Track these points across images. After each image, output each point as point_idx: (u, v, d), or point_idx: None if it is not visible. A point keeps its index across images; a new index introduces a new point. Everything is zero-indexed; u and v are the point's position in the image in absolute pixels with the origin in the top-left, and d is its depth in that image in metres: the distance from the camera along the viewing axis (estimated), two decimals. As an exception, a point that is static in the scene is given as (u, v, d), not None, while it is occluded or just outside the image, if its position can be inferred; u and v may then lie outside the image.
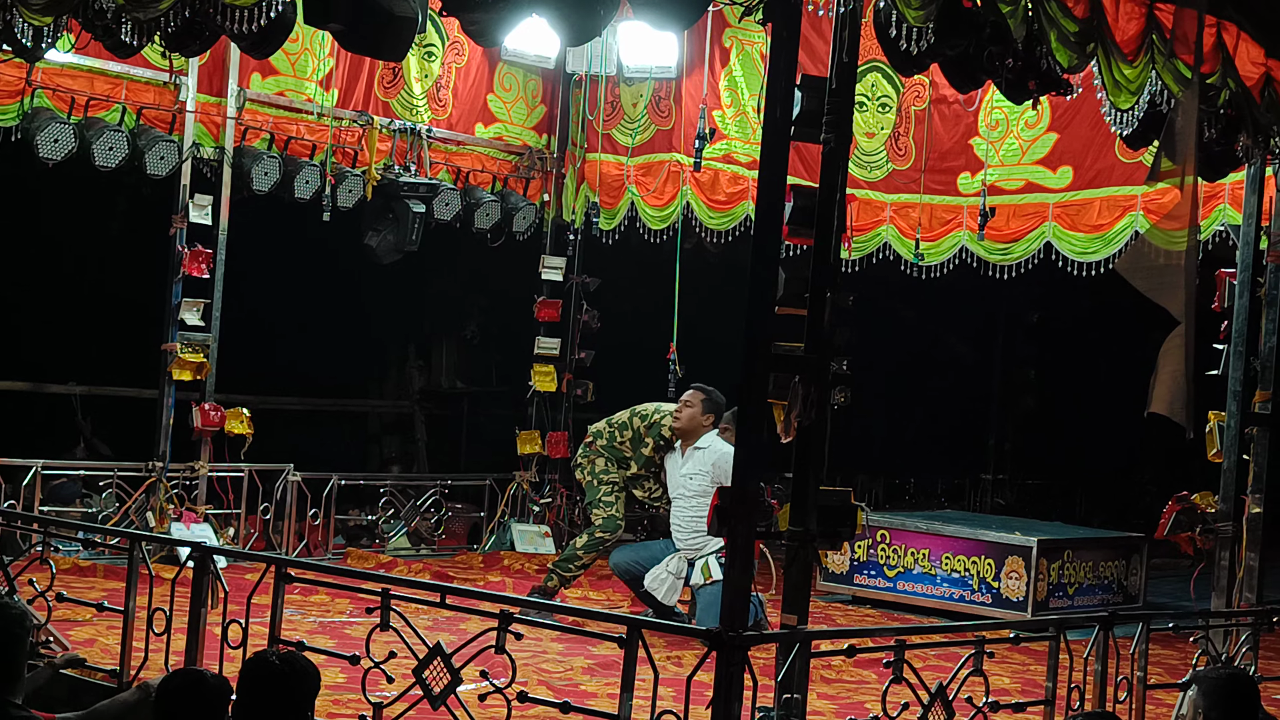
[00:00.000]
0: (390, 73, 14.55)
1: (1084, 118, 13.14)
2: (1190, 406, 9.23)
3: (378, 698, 7.79)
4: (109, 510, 13.43)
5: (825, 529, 7.53)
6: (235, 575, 9.40)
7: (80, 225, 17.82)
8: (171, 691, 6.29)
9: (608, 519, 12.17)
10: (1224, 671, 7.11)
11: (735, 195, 15.05)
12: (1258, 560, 10.55)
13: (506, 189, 15.62)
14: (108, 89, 13.00)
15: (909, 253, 14.31)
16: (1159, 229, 9.83)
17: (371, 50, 10.73)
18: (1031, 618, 12.42)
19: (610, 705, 7.47)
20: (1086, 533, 15.81)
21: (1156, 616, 9.21)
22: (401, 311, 20.99)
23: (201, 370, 13.49)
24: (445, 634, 8.14)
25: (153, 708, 6.40)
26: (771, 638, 7.33)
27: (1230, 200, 12.28)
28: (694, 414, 11.90)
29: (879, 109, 14.51)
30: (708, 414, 11.89)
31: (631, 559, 12.09)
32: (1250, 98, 9.53)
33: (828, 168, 7.61)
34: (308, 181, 13.82)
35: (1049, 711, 8.29)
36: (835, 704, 9.68)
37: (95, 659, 9.17)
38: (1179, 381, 9.19)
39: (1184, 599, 11.62)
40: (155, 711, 6.38)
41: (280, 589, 8.22)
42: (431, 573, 13.09)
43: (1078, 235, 13.46)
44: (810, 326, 7.51)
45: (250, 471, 13.86)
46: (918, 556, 13.46)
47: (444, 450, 20.67)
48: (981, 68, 8.63)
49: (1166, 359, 9.24)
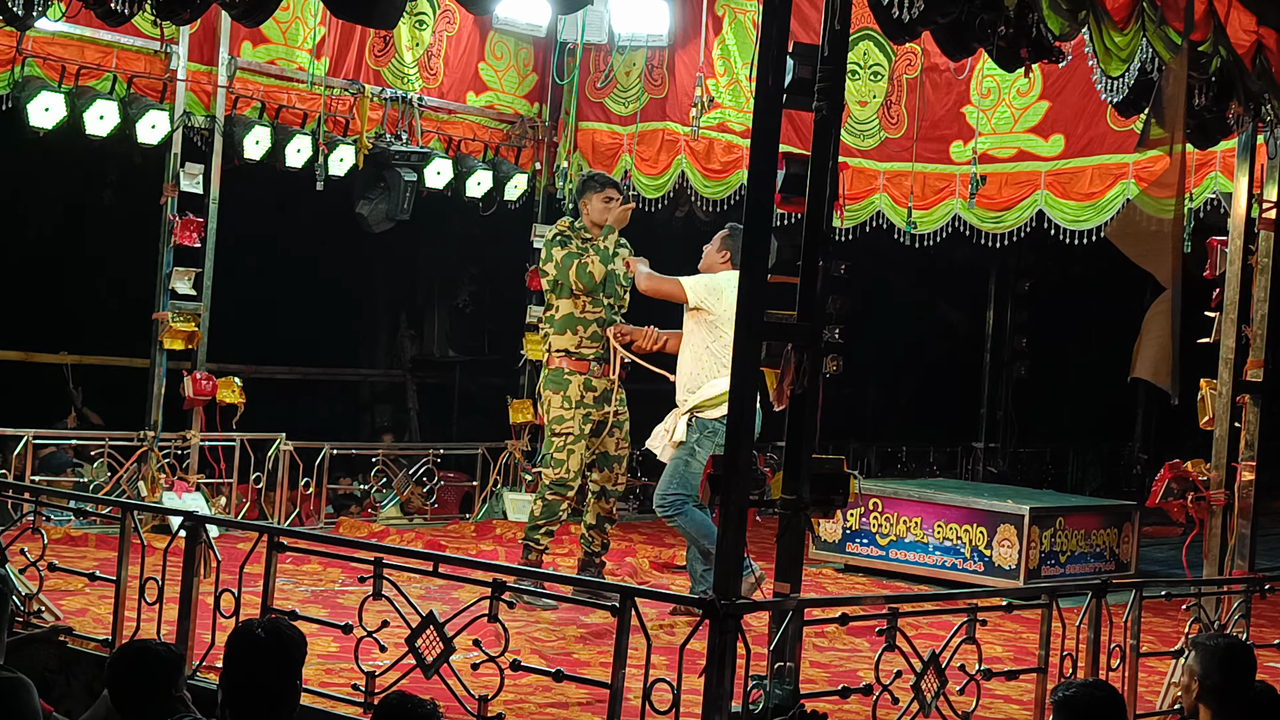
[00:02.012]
0: (381, 41, 14.52)
1: (1075, 86, 13.12)
2: (1175, 372, 9.23)
3: (370, 666, 7.81)
4: (100, 480, 13.44)
5: (818, 497, 7.51)
6: (227, 545, 9.38)
7: (71, 194, 17.81)
8: (118, 663, 6.31)
9: (556, 481, 11.37)
10: (1222, 639, 7.12)
11: (730, 164, 15.04)
12: (1250, 528, 10.54)
13: (498, 158, 15.60)
14: (98, 57, 12.95)
15: (902, 221, 14.31)
16: (1148, 195, 9.83)
17: (362, 18, 10.69)
18: (1024, 585, 12.44)
19: (603, 674, 7.49)
20: (1079, 500, 15.85)
21: (1149, 584, 9.23)
22: (393, 280, 21.02)
23: (193, 339, 13.47)
24: (438, 603, 8.17)
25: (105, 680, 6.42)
26: (764, 605, 7.33)
27: (1221, 168, 12.28)
28: (711, 250, 11.35)
29: (871, 77, 14.49)
30: (724, 250, 11.26)
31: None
32: (1241, 65, 9.51)
33: (820, 136, 7.59)
34: (299, 150, 13.80)
35: (1041, 679, 8.32)
36: (828, 672, 9.69)
37: (87, 629, 9.19)
38: (1164, 347, 9.19)
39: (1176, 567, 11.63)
40: (106, 684, 6.40)
41: (273, 558, 8.23)
42: (424, 542, 13.08)
43: (1069, 203, 13.45)
44: (803, 295, 7.49)
45: (242, 441, 13.86)
46: (910, 525, 13.47)
47: (436, 419, 20.72)
48: (973, 35, 8.59)
49: (1152, 324, 9.25)
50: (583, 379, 11.43)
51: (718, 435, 10.66)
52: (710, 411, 10.88)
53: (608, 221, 11.61)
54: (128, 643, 7.07)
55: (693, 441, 10.92)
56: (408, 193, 14.46)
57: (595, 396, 11.48)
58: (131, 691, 6.22)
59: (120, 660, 6.34)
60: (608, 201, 11.62)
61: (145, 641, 6.69)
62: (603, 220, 11.61)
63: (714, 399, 10.84)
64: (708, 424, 10.88)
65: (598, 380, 11.48)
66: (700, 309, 10.98)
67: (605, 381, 11.49)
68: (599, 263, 11.42)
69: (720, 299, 10.86)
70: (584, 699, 8.40)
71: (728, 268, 11.09)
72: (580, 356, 11.45)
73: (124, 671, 6.26)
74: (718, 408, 10.75)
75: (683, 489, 10.89)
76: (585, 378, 11.44)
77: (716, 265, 11.24)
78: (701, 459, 10.72)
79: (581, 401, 11.43)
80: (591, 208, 11.63)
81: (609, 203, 11.63)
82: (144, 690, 6.19)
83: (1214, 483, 10.60)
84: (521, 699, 8.35)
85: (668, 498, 10.94)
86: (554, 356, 11.50)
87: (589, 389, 11.45)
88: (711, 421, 10.85)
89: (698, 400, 10.95)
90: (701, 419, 10.91)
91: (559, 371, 11.46)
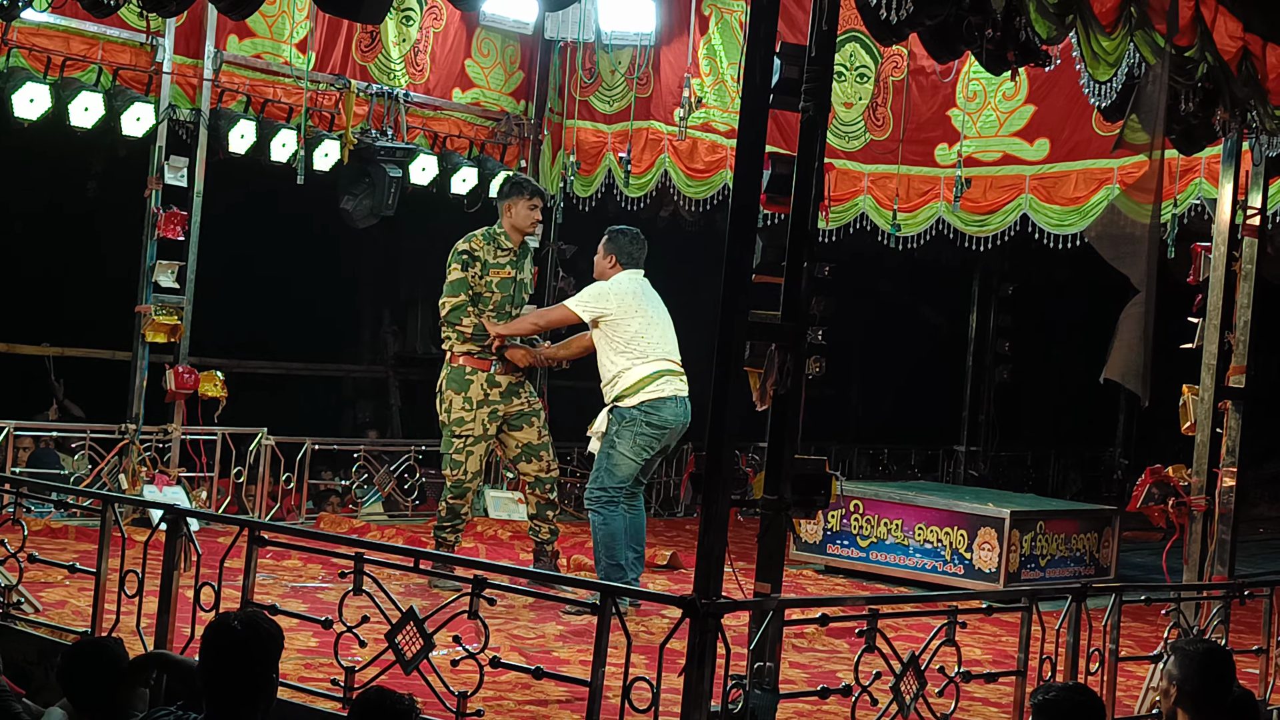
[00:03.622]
0: (368, 36, 14.50)
1: (1061, 90, 13.15)
2: (1145, 375, 9.28)
3: (350, 661, 7.79)
4: (81, 472, 13.41)
5: (800, 497, 7.52)
6: (208, 538, 9.37)
7: (55, 186, 17.76)
8: (71, 658, 6.29)
9: (454, 484, 11.49)
10: (1201, 645, 7.13)
11: (714, 164, 15.05)
12: (1230, 534, 10.58)
13: (484, 154, 15.58)
14: (84, 49, 12.92)
15: (886, 223, 14.34)
16: (1128, 197, 9.88)
17: (349, 13, 10.70)
18: (1004, 589, 12.45)
19: (583, 672, 7.48)
20: (1059, 504, 15.87)
21: (1129, 589, 9.24)
22: (377, 276, 21.01)
23: (175, 333, 13.44)
24: (418, 599, 8.16)
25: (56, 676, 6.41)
26: (745, 605, 7.33)
27: (1206, 174, 12.32)
28: (598, 259, 11.40)
29: (857, 79, 14.51)
30: (608, 255, 11.33)
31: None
32: (1228, 71, 9.53)
33: (806, 136, 7.60)
34: (284, 144, 13.77)
35: (1020, 682, 8.32)
36: (808, 672, 9.69)
37: (67, 621, 9.17)
38: (1136, 350, 9.23)
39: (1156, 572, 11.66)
40: (58, 680, 6.39)
41: (253, 552, 8.21)
42: (405, 538, 13.06)
43: (1054, 207, 13.49)
44: (787, 295, 7.50)
45: (223, 434, 13.83)
46: (891, 527, 13.48)
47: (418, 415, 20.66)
48: (960, 38, 8.62)
49: (1124, 327, 9.29)
50: (485, 376, 11.50)
51: (635, 424, 10.94)
52: (628, 400, 10.99)
53: (527, 230, 11.77)
54: (81, 640, 7.07)
55: (613, 432, 11.03)
56: (392, 189, 14.44)
57: (501, 392, 11.57)
58: (80, 686, 6.21)
59: (76, 656, 6.33)
60: (533, 209, 11.72)
61: (100, 640, 6.67)
62: (524, 227, 11.75)
63: (630, 387, 11.00)
64: (625, 413, 10.98)
65: (501, 376, 11.55)
66: (598, 319, 11.08)
67: (509, 377, 11.57)
68: (498, 285, 11.58)
69: (609, 299, 11.10)
70: (563, 697, 8.39)
71: (619, 270, 11.28)
72: (483, 355, 11.54)
73: (78, 668, 6.25)
74: (635, 395, 10.96)
75: (610, 481, 11.00)
76: (488, 375, 11.51)
77: (608, 271, 11.36)
78: (622, 448, 10.95)
79: (486, 400, 11.52)
80: (516, 213, 11.71)
81: (534, 210, 11.73)
82: (92, 686, 6.18)
83: (1195, 488, 10.63)
84: (501, 696, 8.34)
85: (594, 492, 11.05)
86: (456, 355, 11.55)
87: (493, 385, 11.53)
88: (629, 410, 10.97)
89: (618, 392, 11.06)
90: (620, 409, 11.00)
91: (460, 370, 11.53)
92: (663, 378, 10.97)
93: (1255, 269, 10.67)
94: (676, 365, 11.10)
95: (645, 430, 10.93)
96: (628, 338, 10.99)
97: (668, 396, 10.96)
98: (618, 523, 10.93)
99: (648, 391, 10.92)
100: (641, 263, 11.32)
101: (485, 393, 11.49)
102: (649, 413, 10.92)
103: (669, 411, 10.96)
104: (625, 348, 10.99)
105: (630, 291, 11.09)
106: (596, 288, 11.22)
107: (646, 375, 10.95)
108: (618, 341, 11.02)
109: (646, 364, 10.98)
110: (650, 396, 10.92)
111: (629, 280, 11.17)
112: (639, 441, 10.93)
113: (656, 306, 11.20)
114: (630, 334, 10.99)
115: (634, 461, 10.96)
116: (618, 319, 11.02)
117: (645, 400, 10.93)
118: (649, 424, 10.92)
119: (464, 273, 11.53)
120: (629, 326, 11.00)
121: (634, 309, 11.06)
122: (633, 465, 10.97)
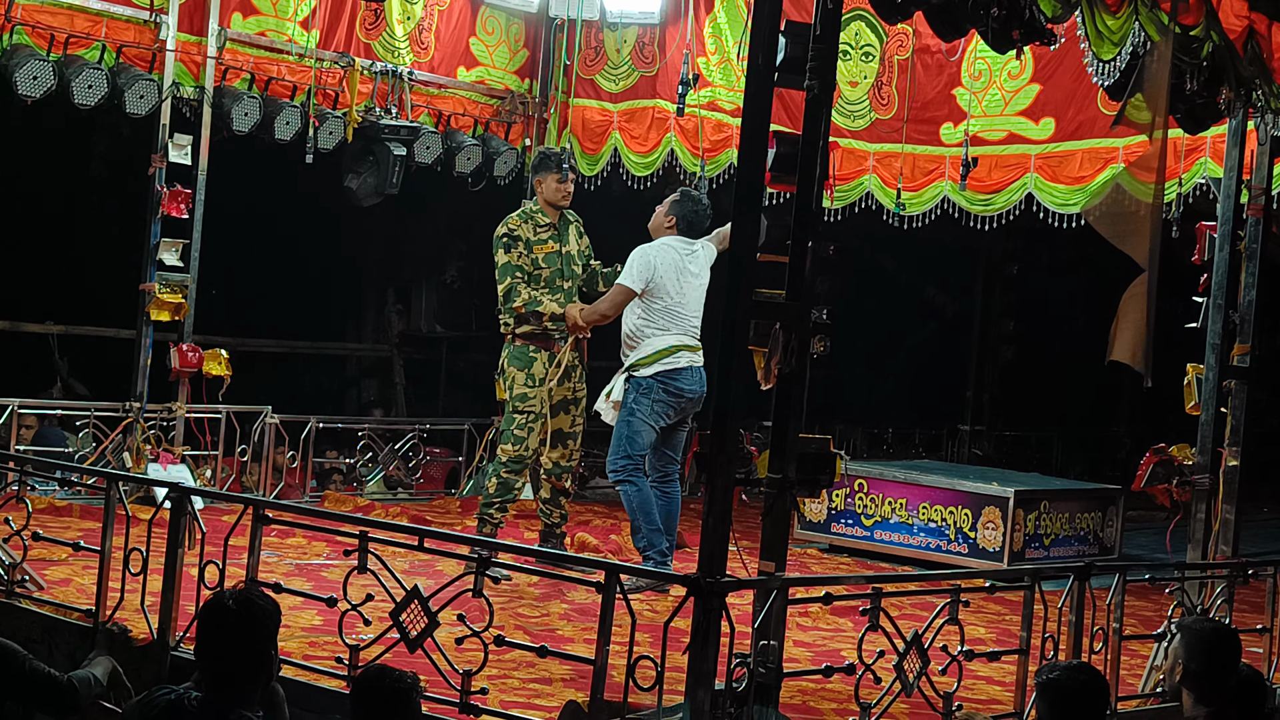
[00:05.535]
0: (372, 14, 14.45)
1: (1067, 69, 13.12)
2: (1149, 355, 9.27)
3: (354, 640, 7.80)
4: (86, 450, 13.42)
5: (804, 476, 7.52)
6: (212, 516, 9.38)
7: (59, 164, 17.75)
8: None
9: (513, 459, 11.45)
10: (1207, 624, 7.13)
11: (719, 143, 15.02)
12: (1234, 513, 10.57)
13: (488, 133, 15.56)
14: (88, 26, 12.89)
15: (891, 202, 14.31)
16: (1131, 175, 9.86)
17: (354, -9, 10.67)
18: (1007, 568, 12.45)
19: (587, 650, 7.49)
20: (1063, 484, 15.85)
21: (1132, 568, 9.24)
22: (381, 255, 20.98)
23: (180, 311, 13.43)
24: (422, 577, 8.14)
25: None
26: (749, 584, 7.33)
27: (1211, 154, 12.28)
28: (659, 212, 11.43)
29: (862, 58, 14.47)
30: (670, 215, 11.36)
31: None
32: (1233, 50, 9.52)
33: (811, 115, 7.58)
34: (288, 123, 13.74)
35: (1023, 661, 8.33)
36: (811, 651, 9.70)
37: (71, 599, 9.18)
38: (1139, 330, 9.22)
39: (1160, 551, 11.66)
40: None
41: (258, 530, 8.21)
42: (409, 516, 13.07)
43: (1059, 187, 13.46)
44: (791, 274, 7.49)
45: (228, 413, 13.84)
46: (895, 506, 13.48)
47: (422, 394, 20.69)
48: (966, 16, 8.60)
49: (1128, 307, 9.29)
50: (547, 354, 11.46)
51: (652, 391, 10.98)
52: (645, 369, 10.99)
53: (559, 202, 11.70)
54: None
55: (630, 401, 11.05)
56: (397, 167, 14.41)
57: (560, 374, 11.50)
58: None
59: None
60: (561, 182, 11.68)
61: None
62: (556, 200, 11.67)
63: (649, 357, 11.03)
64: (641, 382, 11.00)
65: (570, 353, 11.51)
66: (644, 289, 11.05)
67: (571, 357, 11.50)
68: (544, 260, 11.52)
69: (653, 269, 11.08)
70: (568, 675, 8.40)
71: (673, 233, 11.26)
72: (545, 336, 11.48)
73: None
74: (652, 365, 11.00)
75: (633, 449, 11.01)
76: (550, 353, 11.47)
77: (662, 229, 11.35)
78: (641, 415, 10.98)
79: (546, 378, 11.47)
80: (546, 186, 11.69)
81: (563, 183, 11.69)
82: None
83: (1199, 467, 10.62)
84: (505, 674, 8.36)
85: (619, 463, 11.04)
86: (517, 336, 11.53)
87: (556, 365, 11.48)
88: (646, 379, 10.98)
89: (635, 359, 11.08)
90: (636, 377, 11.00)
91: (524, 349, 11.48)
92: (678, 352, 10.99)
93: (1260, 248, 10.66)
94: (695, 341, 11.13)
95: (662, 397, 10.97)
96: (659, 308, 11.05)
97: (683, 367, 10.99)
98: (647, 488, 10.98)
99: (664, 364, 10.96)
100: (701, 232, 11.34)
101: (546, 371, 11.47)
102: (665, 382, 10.96)
103: (685, 381, 11.01)
104: (652, 315, 11.04)
105: (671, 263, 11.10)
106: (642, 258, 11.15)
107: (664, 348, 10.98)
108: (651, 306, 11.06)
109: (667, 336, 11.01)
110: (666, 368, 10.96)
111: (672, 251, 11.16)
112: (656, 408, 10.98)
113: (691, 279, 11.19)
114: (661, 306, 11.03)
115: (652, 428, 11.01)
116: (655, 288, 11.04)
117: (661, 371, 10.96)
118: (666, 391, 10.97)
119: (508, 255, 11.51)
120: (662, 300, 11.05)
121: (673, 281, 11.07)
122: (651, 432, 11.01)
